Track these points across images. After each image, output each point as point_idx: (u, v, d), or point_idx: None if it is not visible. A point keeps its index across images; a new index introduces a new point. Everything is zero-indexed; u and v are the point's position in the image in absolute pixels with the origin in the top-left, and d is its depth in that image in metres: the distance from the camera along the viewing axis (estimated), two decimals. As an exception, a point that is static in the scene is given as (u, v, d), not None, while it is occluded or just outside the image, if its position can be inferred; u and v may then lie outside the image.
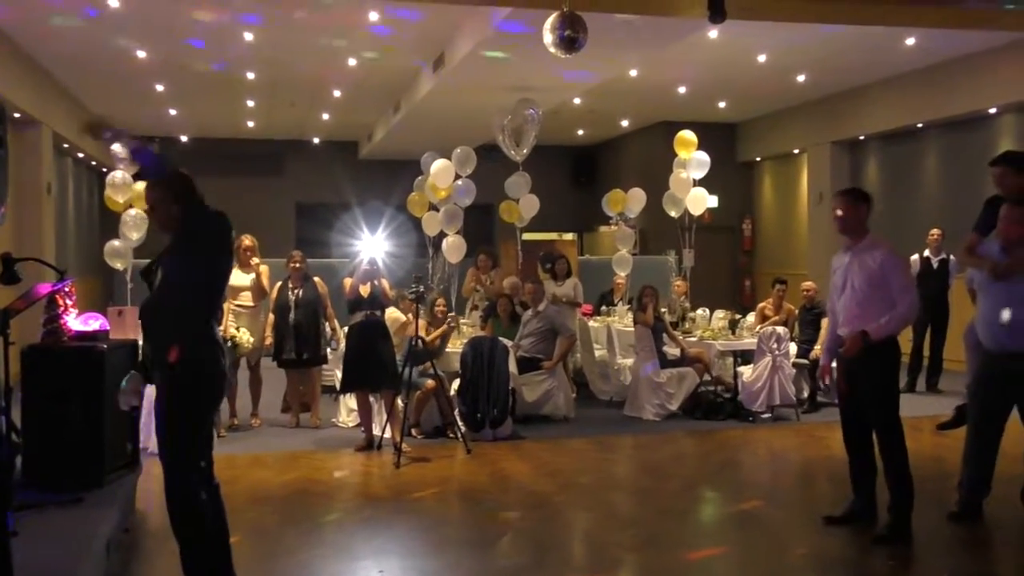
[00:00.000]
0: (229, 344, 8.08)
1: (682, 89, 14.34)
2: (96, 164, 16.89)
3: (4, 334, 4.45)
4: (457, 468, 7.42)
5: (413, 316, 7.95)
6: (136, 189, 9.44)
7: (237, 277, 8.40)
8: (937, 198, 13.42)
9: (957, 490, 5.69)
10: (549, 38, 7.43)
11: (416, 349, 7.71)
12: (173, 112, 15.97)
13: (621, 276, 11.90)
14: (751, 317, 10.49)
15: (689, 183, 11.54)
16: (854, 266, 5.43)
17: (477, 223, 15.48)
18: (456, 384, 8.52)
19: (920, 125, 13.54)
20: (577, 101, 14.51)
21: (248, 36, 10.72)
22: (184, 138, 18.79)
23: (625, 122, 17.92)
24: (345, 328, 8.28)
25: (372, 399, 8.02)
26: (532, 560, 5.19)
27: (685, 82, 13.93)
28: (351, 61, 12.09)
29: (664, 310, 10.03)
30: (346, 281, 7.90)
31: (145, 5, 9.58)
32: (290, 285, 8.84)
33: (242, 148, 19.04)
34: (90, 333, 5.53)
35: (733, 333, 9.83)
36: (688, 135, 11.53)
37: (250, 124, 17.40)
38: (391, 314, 8.33)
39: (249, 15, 9.95)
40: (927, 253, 10.53)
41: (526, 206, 11.56)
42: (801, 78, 13.63)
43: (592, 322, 11.00)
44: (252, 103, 15.22)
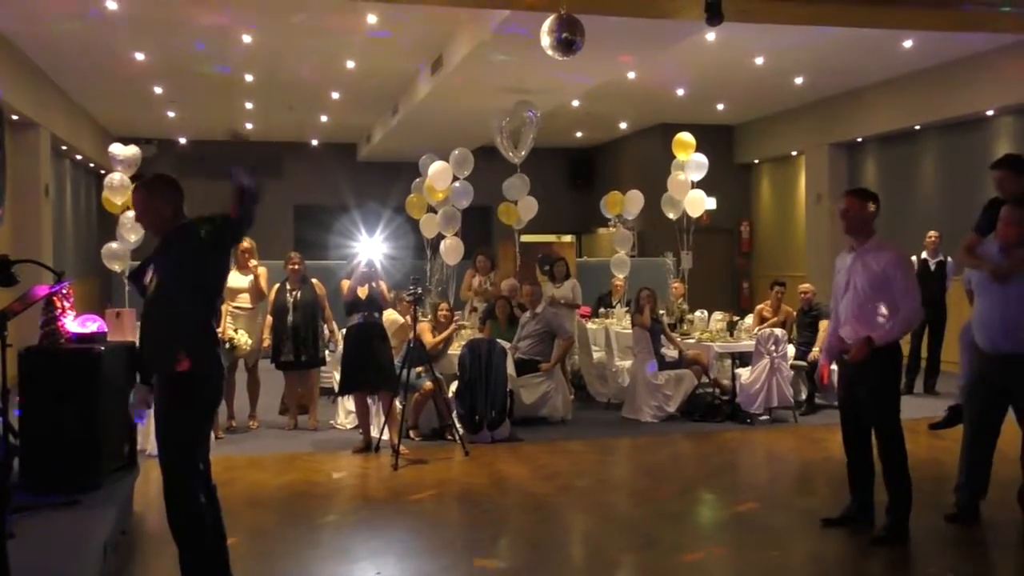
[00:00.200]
0: (227, 346, 8.08)
1: (680, 91, 14.36)
2: (94, 166, 16.88)
3: (1, 336, 4.44)
4: (455, 470, 7.42)
5: (411, 318, 7.96)
6: (135, 191, 9.44)
7: (235, 279, 8.41)
8: (935, 200, 13.43)
9: (954, 492, 5.69)
10: (546, 40, 7.44)
11: (414, 349, 7.72)
12: (171, 114, 15.98)
13: (619, 278, 11.90)
14: (749, 319, 10.49)
15: (687, 185, 11.55)
16: (857, 267, 5.40)
17: (475, 225, 15.49)
18: (454, 386, 8.53)
19: (918, 127, 13.56)
20: (575, 103, 14.52)
21: (247, 38, 10.73)
22: (183, 140, 18.81)
23: (623, 124, 17.94)
24: (343, 330, 8.28)
25: (370, 401, 8.02)
26: (530, 562, 5.19)
27: (683, 84, 13.94)
28: (349, 63, 12.10)
29: (662, 312, 10.03)
30: (344, 283, 7.89)
31: (144, 7, 9.59)
32: (288, 287, 8.84)
33: (240, 150, 19.03)
34: (88, 335, 5.53)
35: (731, 335, 9.83)
36: (686, 137, 11.54)
37: (249, 126, 17.39)
38: (389, 316, 8.34)
39: (248, 17, 9.95)
40: (924, 255, 10.53)
41: (524, 208, 11.57)
42: (799, 80, 13.65)
43: (590, 324, 10.99)
44: (251, 105, 15.22)
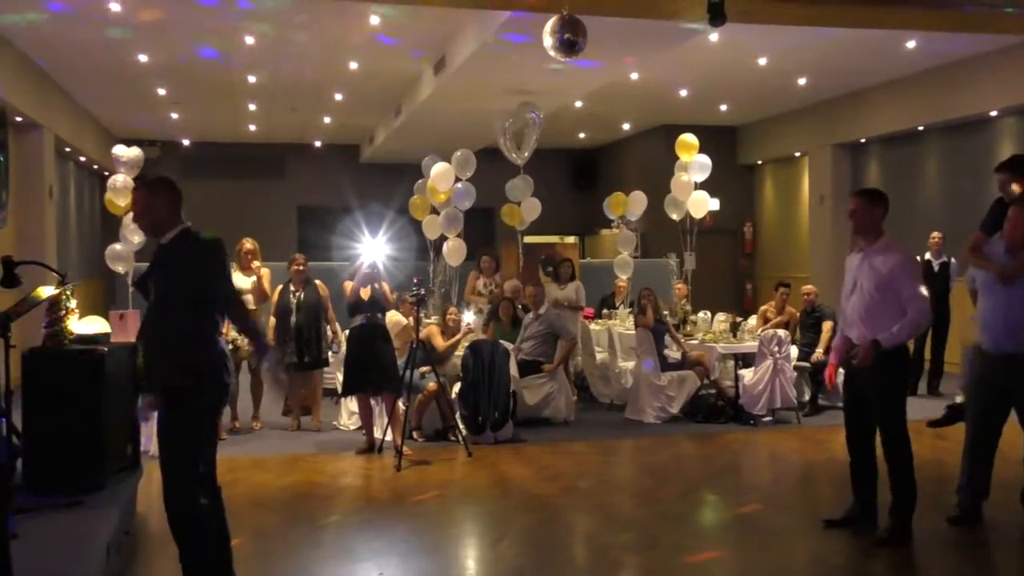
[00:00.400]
0: (230, 347, 8.07)
1: (683, 92, 14.34)
2: (97, 168, 16.91)
3: (5, 337, 4.45)
4: (458, 471, 7.43)
5: (414, 319, 7.96)
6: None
7: (238, 280, 8.40)
8: (938, 201, 13.41)
9: (957, 493, 5.68)
10: (549, 41, 7.44)
11: (418, 350, 7.73)
12: (175, 116, 16.00)
13: (622, 279, 11.89)
14: (752, 320, 10.48)
15: (690, 186, 11.54)
16: (864, 268, 5.40)
17: (478, 226, 15.50)
18: (457, 387, 8.53)
19: (921, 128, 13.54)
20: (578, 104, 14.52)
21: (249, 39, 10.74)
22: (186, 142, 18.84)
23: (626, 125, 17.93)
24: (346, 331, 8.28)
25: (373, 402, 8.02)
26: (533, 563, 5.19)
27: (686, 85, 13.93)
28: (352, 64, 12.10)
29: (666, 312, 10.02)
30: (346, 284, 7.89)
31: (147, 8, 9.60)
32: (291, 288, 8.85)
33: (244, 151, 19.08)
34: (91, 336, 5.53)
35: (734, 336, 9.81)
36: (689, 138, 11.54)
37: (252, 128, 17.42)
38: (392, 317, 8.34)
39: (249, 17, 9.96)
40: (928, 256, 10.52)
41: (527, 209, 11.57)
42: (802, 81, 13.63)
43: (593, 325, 10.98)
44: (254, 106, 15.24)
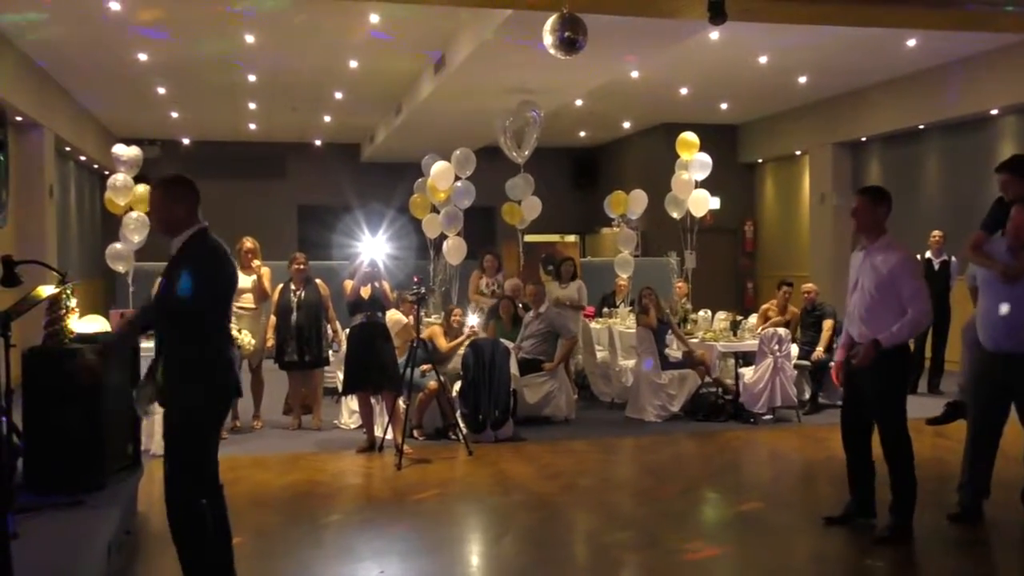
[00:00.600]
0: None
1: (684, 91, 14.34)
2: (98, 167, 16.91)
3: (5, 336, 4.45)
4: (458, 469, 7.43)
5: (414, 318, 7.96)
6: (137, 192, 9.46)
7: (239, 279, 8.40)
8: (938, 200, 13.41)
9: (957, 491, 5.68)
10: (549, 40, 7.43)
11: (418, 349, 7.73)
12: (175, 115, 16.01)
13: (623, 278, 11.89)
14: (753, 318, 10.48)
15: (691, 185, 11.54)
16: (866, 266, 5.41)
17: (478, 225, 15.50)
18: (458, 386, 8.53)
19: (922, 127, 13.54)
20: (579, 103, 14.52)
21: (250, 38, 10.74)
22: (186, 141, 18.84)
23: (627, 124, 17.93)
24: (346, 330, 8.29)
25: (373, 401, 8.02)
26: (533, 561, 5.19)
27: (686, 84, 13.93)
28: (352, 63, 12.10)
29: (667, 311, 10.02)
30: (346, 283, 7.89)
31: (147, 8, 9.60)
32: (292, 287, 8.85)
33: (244, 151, 19.08)
34: (92, 336, 5.53)
35: (735, 334, 9.82)
36: (690, 137, 11.53)
37: (252, 127, 17.42)
38: (392, 316, 8.34)
39: (250, 16, 9.96)
40: (928, 255, 10.51)
41: (528, 208, 11.57)
42: (803, 79, 13.63)
43: (594, 324, 10.98)
44: (254, 105, 15.24)
